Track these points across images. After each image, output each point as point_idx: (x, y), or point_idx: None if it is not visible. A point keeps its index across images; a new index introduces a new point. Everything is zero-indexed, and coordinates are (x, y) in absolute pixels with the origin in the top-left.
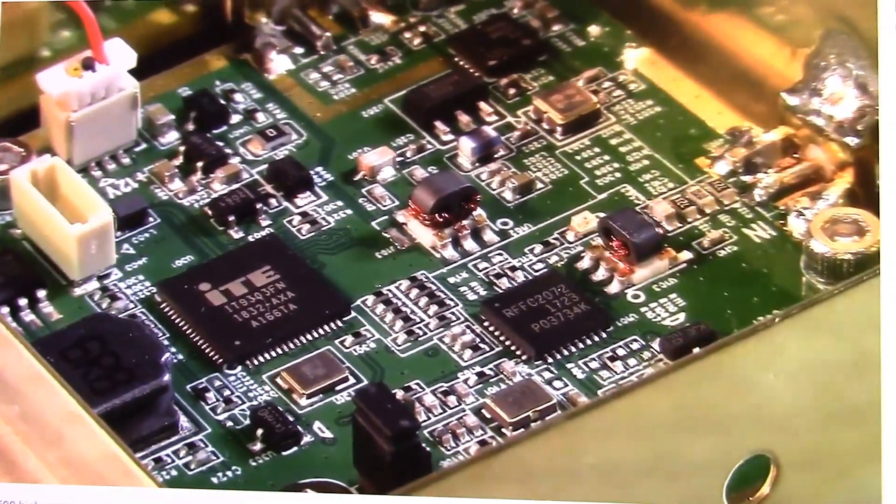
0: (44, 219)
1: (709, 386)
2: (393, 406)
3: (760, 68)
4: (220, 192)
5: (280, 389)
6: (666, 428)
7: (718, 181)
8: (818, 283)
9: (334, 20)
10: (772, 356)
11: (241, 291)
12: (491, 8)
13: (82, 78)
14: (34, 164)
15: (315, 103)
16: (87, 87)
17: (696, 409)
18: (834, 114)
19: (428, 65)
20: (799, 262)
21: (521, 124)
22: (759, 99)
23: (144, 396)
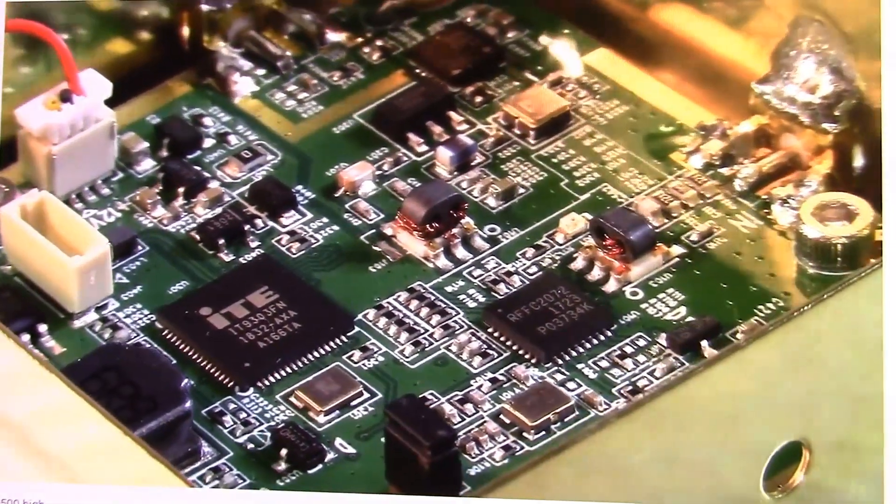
0: (38, 253)
1: (746, 376)
2: (427, 417)
3: (725, 62)
4: (204, 216)
5: (295, 408)
6: (708, 420)
7: (697, 175)
8: (809, 268)
9: (290, 40)
10: (806, 343)
11: (243, 313)
12: (444, 19)
13: (61, 111)
14: (22, 199)
15: (285, 123)
16: (66, 120)
17: (735, 399)
18: (808, 100)
19: (390, 78)
20: (789, 248)
21: (493, 131)
22: (726, 92)
23: (168, 424)
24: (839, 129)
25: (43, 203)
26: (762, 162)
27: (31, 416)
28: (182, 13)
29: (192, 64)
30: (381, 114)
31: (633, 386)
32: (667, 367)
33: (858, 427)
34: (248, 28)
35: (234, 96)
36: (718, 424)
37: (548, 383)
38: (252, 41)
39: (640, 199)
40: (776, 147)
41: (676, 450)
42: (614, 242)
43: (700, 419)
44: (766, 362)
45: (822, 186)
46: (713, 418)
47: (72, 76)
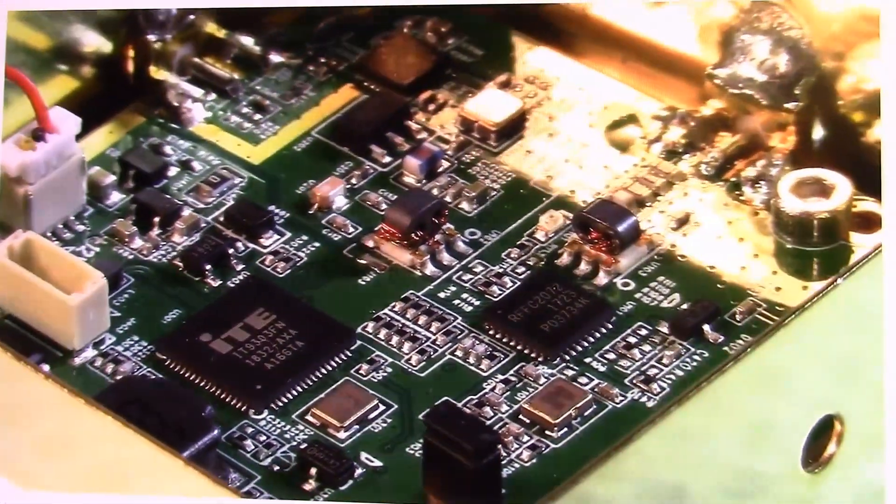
0: (32, 294)
1: (783, 354)
2: (467, 422)
3: (670, 52)
4: (183, 243)
5: (314, 426)
6: (752, 401)
7: (662, 163)
8: (787, 244)
9: (234, 64)
10: (837, 315)
11: (245, 336)
12: (382, 31)
13: (36, 150)
14: (8, 241)
15: (244, 146)
16: (42, 158)
17: (774, 378)
18: (767, 80)
19: (340, 94)
20: (767, 227)
21: (453, 137)
22: (675, 81)
23: (199, 452)
24: (799, 106)
25: (30, 243)
26: (723, 145)
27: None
28: (126, 45)
29: (138, 95)
30: (342, 128)
31: (645, 375)
32: (674, 353)
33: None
34: (191, 55)
35: (189, 124)
36: (759, 405)
37: (561, 380)
38: (197, 68)
39: (613, 191)
40: (735, 130)
41: (717, 434)
42: (600, 235)
43: (739, 404)
44: (803, 338)
45: (787, 164)
46: (753, 400)
47: (42, 114)
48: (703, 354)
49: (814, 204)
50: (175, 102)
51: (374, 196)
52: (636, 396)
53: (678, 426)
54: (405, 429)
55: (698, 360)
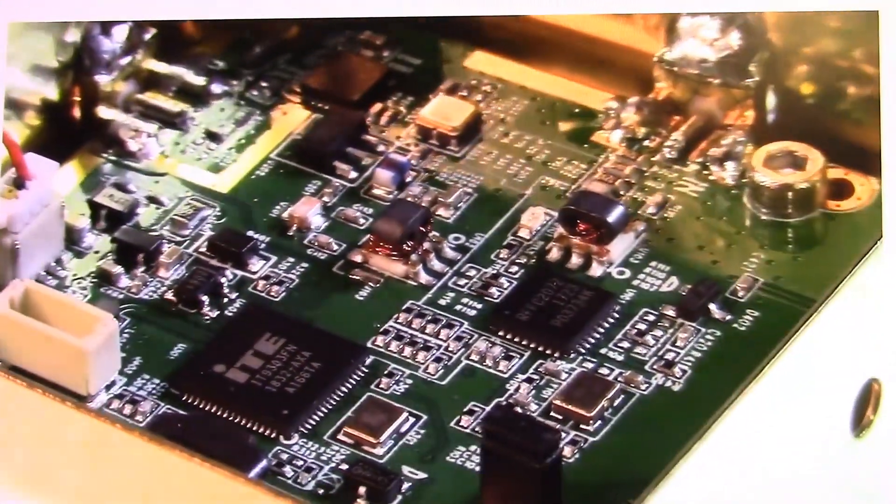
0: (40, 342)
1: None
2: (527, 423)
3: (610, 44)
4: (171, 277)
5: (349, 445)
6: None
7: (626, 152)
8: (763, 216)
9: (176, 97)
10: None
11: (258, 363)
12: (316, 50)
13: (19, 198)
14: (7, 292)
15: (207, 175)
16: (26, 207)
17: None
18: (720, 59)
19: (290, 115)
20: (742, 202)
21: (413, 146)
22: (618, 71)
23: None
24: (755, 82)
25: (29, 292)
26: (682, 128)
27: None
28: (73, 88)
29: (87, 137)
30: (305, 149)
31: (664, 360)
32: (687, 336)
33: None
34: (134, 93)
35: (145, 159)
36: (808, 379)
37: (585, 372)
38: (142, 104)
39: (587, 184)
40: (689, 112)
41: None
42: (589, 227)
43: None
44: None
45: (751, 141)
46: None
47: (20, 161)
48: (714, 334)
49: (791, 176)
50: (128, 139)
51: (350, 212)
52: (661, 382)
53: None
54: (440, 438)
55: (712, 340)
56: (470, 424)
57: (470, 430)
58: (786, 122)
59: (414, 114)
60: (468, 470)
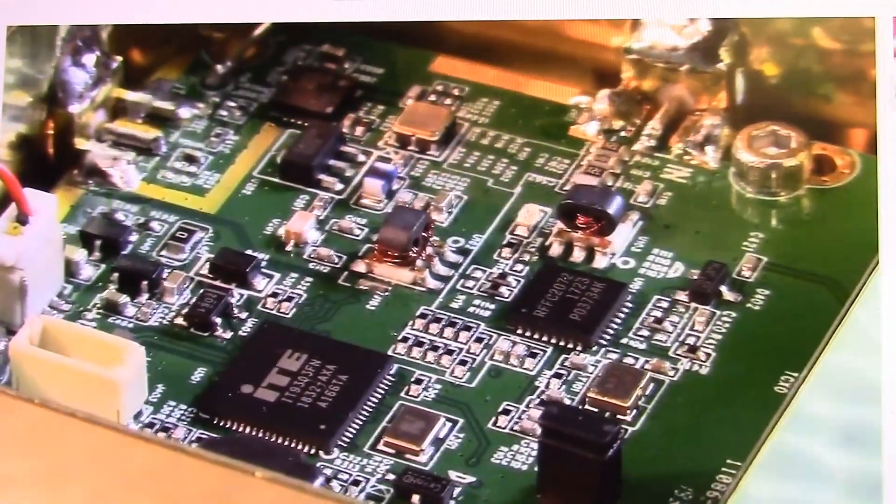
0: (67, 377)
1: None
2: (585, 417)
3: (572, 39)
4: (179, 301)
5: (391, 455)
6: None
7: (606, 143)
8: (748, 194)
9: (147, 123)
10: None
11: (285, 380)
12: (276, 67)
13: (24, 234)
14: (25, 330)
15: (192, 198)
16: (31, 242)
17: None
18: (690, 45)
19: (264, 133)
20: (729, 184)
21: (394, 154)
22: (583, 66)
23: None
24: (725, 66)
25: (48, 328)
26: (657, 116)
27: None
28: (47, 121)
29: (63, 170)
30: (289, 164)
31: (686, 345)
32: (704, 319)
33: None
34: (104, 122)
35: (129, 186)
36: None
37: (615, 363)
38: (114, 133)
39: (575, 178)
40: (660, 100)
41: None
42: (589, 220)
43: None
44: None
45: (725, 122)
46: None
47: (21, 196)
48: (731, 315)
49: (778, 154)
50: (107, 169)
51: (345, 223)
52: (688, 367)
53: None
54: (480, 440)
55: (730, 321)
56: (508, 424)
57: (509, 431)
58: (757, 103)
59: (388, 122)
60: (515, 469)
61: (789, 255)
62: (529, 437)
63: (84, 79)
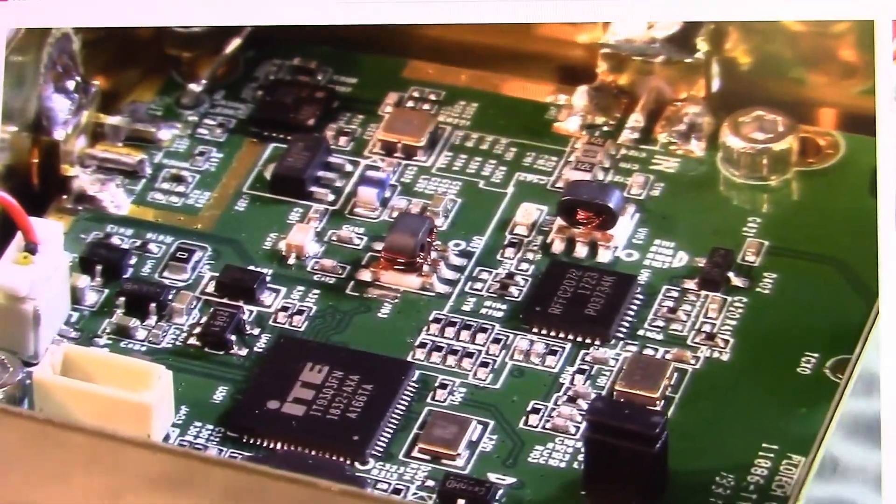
0: (93, 404)
1: None
2: (631, 410)
3: (538, 36)
4: (189, 322)
5: (427, 461)
6: None
7: (591, 139)
8: (737, 179)
9: (127, 146)
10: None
11: (310, 394)
12: (248, 83)
13: (34, 263)
14: (47, 359)
15: (186, 218)
16: (42, 271)
17: None
18: (666, 37)
19: (248, 149)
20: (718, 173)
21: (382, 162)
22: (548, 62)
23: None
24: (702, 55)
25: (70, 355)
26: (638, 108)
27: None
28: (32, 150)
29: (51, 197)
30: (281, 178)
31: (703, 333)
32: (717, 306)
33: None
34: (85, 147)
35: (119, 209)
36: None
37: (637, 355)
38: (97, 158)
39: (566, 174)
40: (638, 93)
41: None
42: (590, 215)
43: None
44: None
45: (706, 111)
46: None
47: (27, 226)
48: (742, 300)
49: (768, 139)
50: (97, 194)
51: (343, 233)
52: (708, 354)
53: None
54: (514, 441)
55: (743, 307)
56: (539, 423)
57: (542, 429)
58: (734, 90)
59: (370, 131)
60: (554, 468)
61: (789, 237)
62: (564, 435)
63: (67, 105)
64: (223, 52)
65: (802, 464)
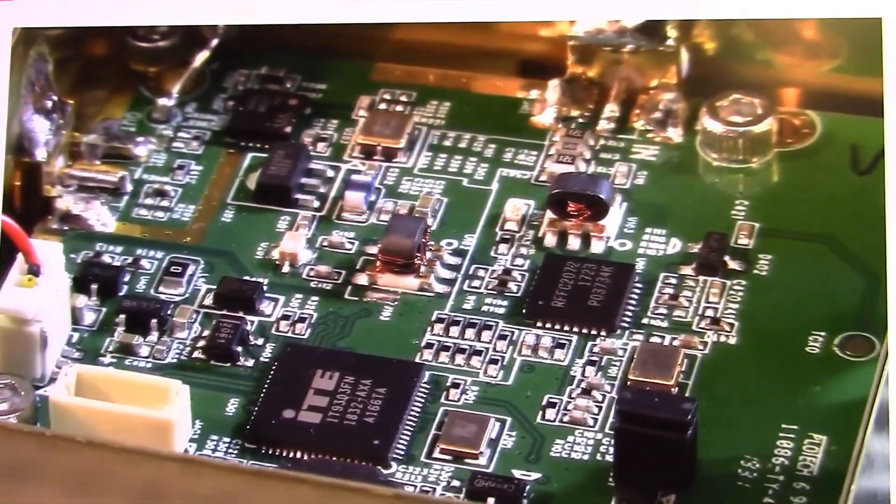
0: (112, 423)
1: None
2: (661, 398)
3: (501, 33)
4: (192, 336)
5: (449, 461)
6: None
7: (568, 132)
8: (721, 164)
9: (105, 164)
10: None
11: (325, 401)
12: (218, 94)
13: (38, 285)
14: (60, 381)
15: (173, 232)
16: (47, 293)
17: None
18: (636, 27)
19: (227, 160)
20: (698, 157)
21: (363, 165)
22: (517, 58)
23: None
24: (673, 42)
25: (83, 375)
26: (611, 98)
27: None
28: (14, 173)
29: (36, 219)
30: (267, 187)
31: (709, 318)
32: (718, 290)
33: None
34: (64, 167)
35: (106, 227)
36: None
37: (645, 344)
38: (77, 177)
39: (549, 166)
40: (609, 83)
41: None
42: (581, 206)
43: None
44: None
45: (680, 97)
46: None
47: (29, 249)
48: (742, 283)
49: (748, 122)
50: (82, 213)
51: (334, 238)
52: (715, 339)
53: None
54: (534, 436)
55: (742, 290)
56: (557, 417)
57: (559, 423)
58: (705, 75)
59: (347, 135)
60: (577, 461)
61: (779, 218)
62: (583, 427)
63: (46, 126)
64: (189, 65)
65: (850, 460)
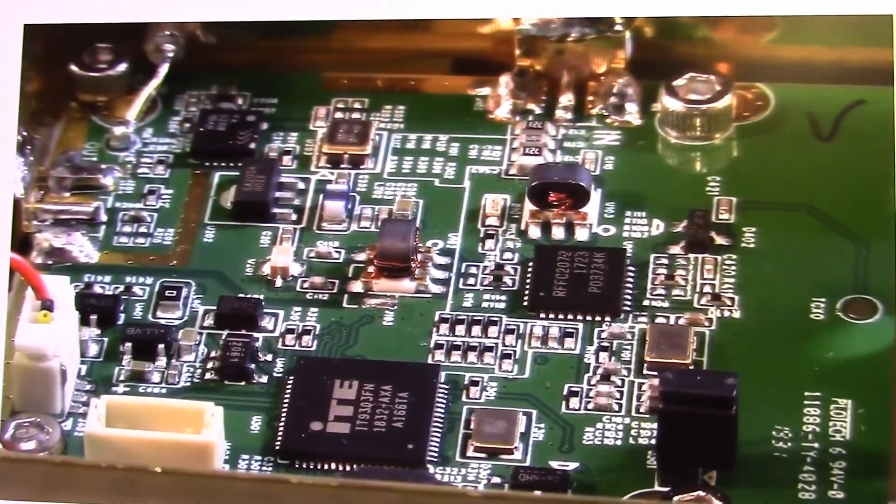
0: (154, 451)
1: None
2: (702, 375)
3: (442, 29)
4: (201, 358)
5: (485, 459)
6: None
7: (527, 124)
8: (684, 142)
9: (75, 196)
10: None
11: (349, 410)
12: (171, 117)
13: (54, 321)
14: (91, 413)
15: (158, 257)
16: (64, 327)
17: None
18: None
19: (197, 181)
20: (660, 138)
21: (332, 175)
22: (461, 56)
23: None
24: (620, 27)
25: (112, 405)
26: (563, 87)
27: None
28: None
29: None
30: (244, 204)
31: (708, 295)
32: (712, 267)
33: None
34: (35, 203)
35: (90, 258)
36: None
37: (654, 325)
38: (51, 212)
39: (517, 159)
40: (559, 72)
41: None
42: (561, 195)
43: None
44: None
45: (632, 80)
46: None
47: (40, 284)
48: (733, 257)
49: (708, 100)
50: (64, 245)
51: (321, 249)
52: (719, 314)
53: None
54: (563, 426)
55: (736, 263)
56: (581, 406)
57: (585, 411)
58: (652, 57)
59: (309, 146)
60: (611, 446)
61: (754, 190)
62: (610, 413)
63: (20, 161)
64: (138, 91)
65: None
